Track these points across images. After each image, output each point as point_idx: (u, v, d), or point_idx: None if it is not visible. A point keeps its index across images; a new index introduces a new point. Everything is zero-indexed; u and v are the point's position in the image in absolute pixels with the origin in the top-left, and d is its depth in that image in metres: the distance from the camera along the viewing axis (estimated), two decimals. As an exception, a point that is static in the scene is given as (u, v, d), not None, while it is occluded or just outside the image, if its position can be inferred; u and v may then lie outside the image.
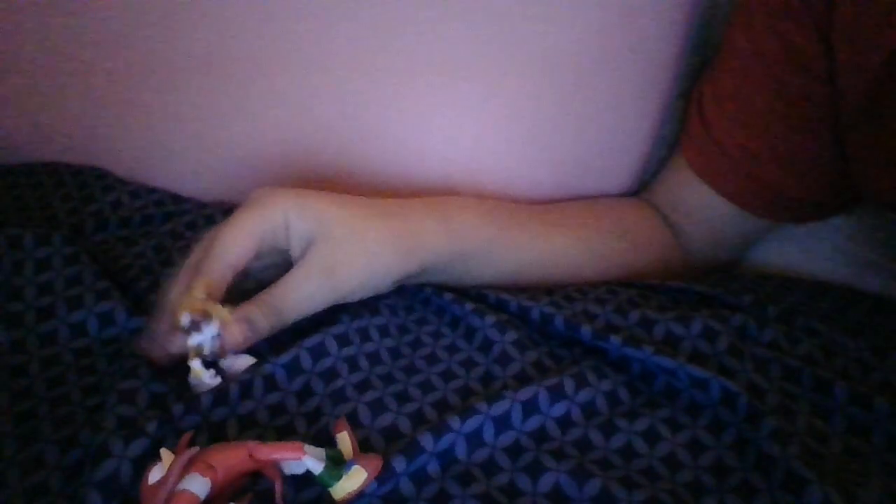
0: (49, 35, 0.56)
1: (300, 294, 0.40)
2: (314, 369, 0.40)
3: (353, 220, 0.42)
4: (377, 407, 0.38)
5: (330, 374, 0.39)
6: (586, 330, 0.41)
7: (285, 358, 0.39)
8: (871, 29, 0.41)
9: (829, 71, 0.45)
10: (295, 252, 0.42)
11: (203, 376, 0.38)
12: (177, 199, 0.56)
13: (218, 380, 0.39)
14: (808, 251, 0.59)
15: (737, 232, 0.56)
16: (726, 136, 0.51)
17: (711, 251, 0.57)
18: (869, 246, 0.58)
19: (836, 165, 0.48)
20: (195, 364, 0.38)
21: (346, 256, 0.41)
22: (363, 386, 0.39)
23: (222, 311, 0.39)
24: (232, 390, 0.38)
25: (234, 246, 0.40)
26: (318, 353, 0.40)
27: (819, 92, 0.46)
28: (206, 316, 0.39)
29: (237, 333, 0.39)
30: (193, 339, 0.39)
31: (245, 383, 0.38)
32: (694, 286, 0.47)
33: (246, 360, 0.40)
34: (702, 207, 0.55)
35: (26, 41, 0.56)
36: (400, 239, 0.43)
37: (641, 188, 0.61)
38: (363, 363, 0.41)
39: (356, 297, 0.43)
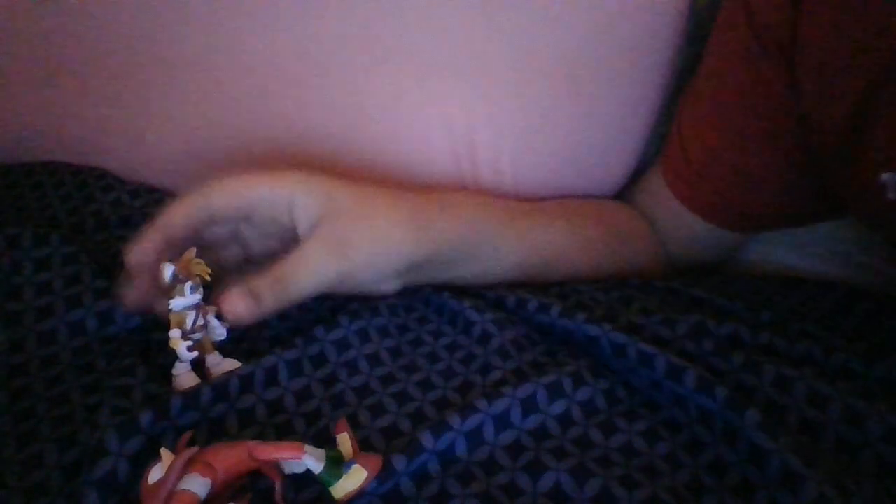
0: (46, 36, 0.56)
1: (308, 268, 0.39)
2: (314, 375, 0.40)
3: (363, 197, 0.42)
4: (377, 408, 0.38)
5: (330, 380, 0.39)
6: (593, 327, 0.41)
7: (288, 355, 0.40)
8: (837, 71, 0.41)
9: (797, 106, 0.45)
10: (302, 229, 0.41)
11: (180, 348, 0.37)
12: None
13: (194, 354, 0.38)
14: (806, 252, 0.59)
15: (712, 244, 0.56)
16: (700, 158, 0.51)
17: (688, 257, 0.58)
18: (862, 247, 0.58)
19: (809, 187, 0.48)
20: (174, 333, 0.37)
21: (355, 231, 0.41)
22: (363, 390, 0.39)
23: (203, 267, 0.37)
24: (232, 383, 0.38)
25: (219, 197, 0.40)
26: (318, 361, 0.40)
27: (785, 123, 0.46)
28: (191, 276, 0.37)
29: (241, 306, 0.38)
30: (175, 304, 0.37)
31: (245, 376, 0.38)
32: (691, 290, 0.47)
33: (231, 364, 0.39)
34: (677, 222, 0.55)
35: (23, 42, 0.56)
36: (410, 220, 0.43)
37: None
38: (363, 366, 0.41)
39: (367, 276, 0.42)
